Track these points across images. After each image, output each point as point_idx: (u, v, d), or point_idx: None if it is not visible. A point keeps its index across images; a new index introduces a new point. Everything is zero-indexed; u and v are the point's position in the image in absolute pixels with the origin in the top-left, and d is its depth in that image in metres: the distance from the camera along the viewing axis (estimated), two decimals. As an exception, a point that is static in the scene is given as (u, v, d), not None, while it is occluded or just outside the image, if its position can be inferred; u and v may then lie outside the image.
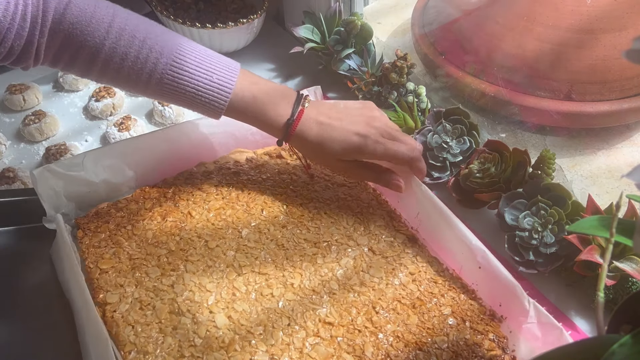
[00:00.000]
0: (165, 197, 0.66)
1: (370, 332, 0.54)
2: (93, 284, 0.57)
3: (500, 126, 0.77)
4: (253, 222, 0.64)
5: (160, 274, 0.58)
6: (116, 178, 0.66)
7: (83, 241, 0.61)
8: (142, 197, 0.66)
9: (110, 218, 0.64)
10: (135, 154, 0.67)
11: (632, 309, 0.40)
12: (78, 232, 0.62)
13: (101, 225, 0.63)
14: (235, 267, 0.59)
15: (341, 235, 0.63)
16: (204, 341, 0.52)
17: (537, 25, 0.74)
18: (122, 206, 0.65)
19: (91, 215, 0.64)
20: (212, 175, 0.69)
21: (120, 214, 0.64)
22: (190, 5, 0.99)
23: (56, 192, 0.63)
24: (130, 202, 0.66)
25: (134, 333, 0.53)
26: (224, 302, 0.56)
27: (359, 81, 0.82)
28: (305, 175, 0.70)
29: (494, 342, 0.55)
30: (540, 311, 0.53)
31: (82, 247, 0.61)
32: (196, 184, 0.68)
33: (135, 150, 0.67)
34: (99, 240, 0.61)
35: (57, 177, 0.63)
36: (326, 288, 0.58)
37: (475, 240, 0.58)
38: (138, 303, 0.55)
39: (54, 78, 0.91)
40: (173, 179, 0.69)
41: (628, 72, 0.71)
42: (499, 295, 0.57)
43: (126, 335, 0.53)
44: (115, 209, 0.65)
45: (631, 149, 0.75)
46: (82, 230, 0.62)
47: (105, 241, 0.61)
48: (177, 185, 0.68)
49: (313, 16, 0.86)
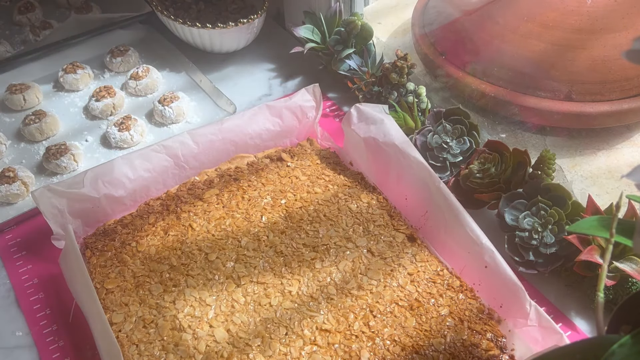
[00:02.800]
0: (168, 209, 0.67)
1: (367, 337, 0.55)
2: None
3: (500, 126, 0.77)
4: (252, 230, 0.64)
5: (163, 291, 0.59)
6: (118, 192, 0.66)
7: (91, 261, 0.62)
8: (146, 212, 0.67)
9: (116, 235, 0.64)
10: (136, 167, 0.67)
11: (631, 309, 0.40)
12: (87, 252, 0.63)
13: (108, 244, 0.63)
14: (234, 278, 0.59)
15: (340, 238, 0.63)
16: (204, 356, 0.53)
17: (538, 26, 0.74)
18: (127, 222, 0.66)
19: (99, 234, 0.65)
20: (214, 184, 0.70)
21: (125, 231, 0.65)
22: (190, 5, 0.99)
23: (60, 210, 0.63)
24: (135, 218, 0.66)
25: (137, 352, 0.54)
26: (223, 316, 0.56)
27: (359, 81, 0.82)
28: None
29: (492, 341, 0.55)
30: (541, 315, 0.53)
31: (90, 267, 0.61)
32: (198, 194, 0.68)
33: (136, 164, 0.67)
34: (105, 260, 0.62)
35: (59, 195, 0.63)
36: (324, 294, 0.58)
37: (486, 239, 0.58)
38: (142, 322, 0.56)
39: (55, 78, 0.91)
40: (176, 190, 0.69)
41: (628, 72, 0.71)
42: (501, 296, 0.57)
43: (130, 354, 0.54)
44: (121, 226, 0.65)
45: (631, 149, 0.75)
46: (90, 250, 0.63)
47: (111, 260, 0.62)
48: (180, 196, 0.68)
49: (313, 16, 0.86)
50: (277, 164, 0.72)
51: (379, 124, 0.69)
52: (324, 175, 0.71)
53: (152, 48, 0.96)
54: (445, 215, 0.62)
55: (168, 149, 0.69)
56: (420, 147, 0.71)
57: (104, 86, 0.86)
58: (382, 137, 0.68)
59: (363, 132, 0.70)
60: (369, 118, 0.70)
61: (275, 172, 0.71)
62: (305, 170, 0.71)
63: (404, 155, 0.66)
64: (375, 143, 0.69)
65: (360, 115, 0.71)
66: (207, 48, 0.93)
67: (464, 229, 0.59)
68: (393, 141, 0.67)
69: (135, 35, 0.98)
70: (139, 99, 0.88)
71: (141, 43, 0.97)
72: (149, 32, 0.98)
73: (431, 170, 0.64)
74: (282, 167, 0.72)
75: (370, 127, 0.70)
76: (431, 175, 0.63)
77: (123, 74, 0.92)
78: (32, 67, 0.92)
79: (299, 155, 0.73)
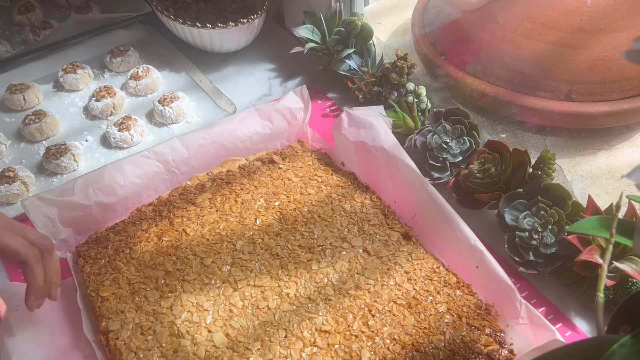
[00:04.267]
0: (161, 215, 0.67)
1: (367, 336, 0.55)
2: (95, 312, 0.58)
3: (500, 126, 0.77)
4: (247, 233, 0.64)
5: (159, 297, 0.58)
6: (109, 199, 0.66)
7: (84, 269, 0.62)
8: (138, 218, 0.66)
9: (109, 243, 0.64)
10: (127, 174, 0.67)
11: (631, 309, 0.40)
12: (79, 260, 0.63)
13: (101, 251, 0.63)
14: (231, 282, 0.59)
15: (335, 238, 0.63)
16: None
17: (538, 26, 0.74)
18: (119, 229, 0.65)
19: (91, 242, 0.64)
20: (206, 188, 0.69)
21: (118, 238, 0.64)
22: (190, 5, 0.99)
23: (51, 219, 0.63)
24: (127, 225, 0.66)
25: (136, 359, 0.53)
26: (221, 320, 0.56)
27: (359, 81, 0.82)
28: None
29: (491, 336, 0.55)
30: (532, 313, 0.53)
31: (84, 275, 0.61)
32: (190, 199, 0.68)
33: (126, 171, 0.67)
34: (98, 267, 0.62)
35: (50, 204, 0.63)
36: (322, 295, 0.58)
37: (475, 240, 0.58)
38: (139, 328, 0.56)
39: (55, 78, 0.91)
40: (168, 195, 0.69)
41: (628, 72, 0.71)
42: (492, 296, 0.57)
43: None
44: (114, 233, 0.65)
45: (631, 149, 0.75)
46: (83, 258, 0.63)
47: (104, 267, 0.62)
48: (172, 202, 0.68)
49: (313, 16, 0.86)
50: (269, 166, 0.72)
51: (369, 128, 0.70)
52: (316, 176, 0.71)
53: (152, 48, 0.96)
54: (435, 217, 0.62)
55: (158, 155, 0.69)
56: (420, 147, 0.71)
57: (104, 86, 0.86)
58: (371, 141, 0.69)
59: (353, 136, 0.71)
60: (359, 122, 0.71)
61: (267, 174, 0.71)
62: (297, 171, 0.71)
63: (393, 158, 0.66)
64: (365, 147, 0.69)
65: (350, 120, 0.72)
66: (207, 48, 0.93)
67: (454, 230, 0.60)
68: (382, 145, 0.68)
69: (135, 35, 0.98)
70: (139, 99, 0.88)
71: (141, 43, 0.97)
72: (149, 32, 0.98)
73: (419, 173, 0.64)
74: (274, 169, 0.72)
75: (360, 131, 0.70)
76: (419, 178, 0.64)
77: (123, 74, 0.92)
78: (32, 67, 0.92)
79: (290, 157, 0.73)
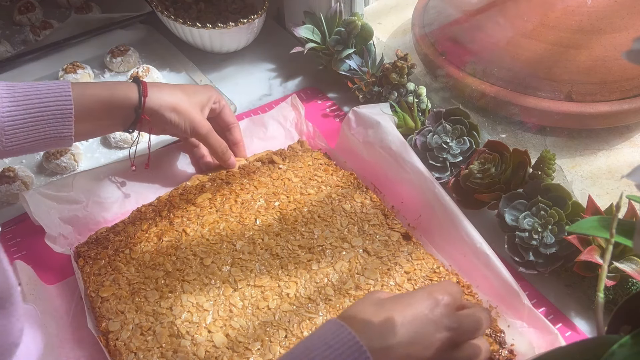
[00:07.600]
0: (161, 215, 0.66)
1: None
2: (95, 313, 0.58)
3: (500, 126, 0.77)
4: (247, 233, 0.64)
5: (159, 297, 0.58)
6: (108, 198, 0.66)
7: (84, 270, 0.62)
8: (138, 218, 0.66)
9: (109, 243, 0.64)
10: (126, 173, 0.67)
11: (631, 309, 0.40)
12: (79, 261, 0.63)
13: (101, 252, 0.63)
14: (230, 282, 0.59)
15: (335, 238, 0.63)
16: None
17: (538, 26, 0.74)
18: (119, 229, 0.65)
19: (91, 242, 0.64)
20: (206, 188, 0.69)
21: (118, 238, 0.64)
22: (190, 5, 0.99)
23: (50, 214, 0.63)
24: (127, 225, 0.66)
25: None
26: (221, 320, 0.56)
27: (359, 81, 0.82)
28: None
29: (491, 337, 0.55)
30: (536, 316, 0.53)
31: (84, 275, 0.61)
32: (190, 199, 0.68)
33: (126, 170, 0.67)
34: (98, 268, 0.62)
35: (49, 198, 0.63)
36: (322, 295, 0.58)
37: (482, 243, 0.58)
38: (139, 329, 0.56)
39: (55, 78, 0.91)
40: (167, 195, 0.69)
41: (628, 72, 0.71)
42: (497, 298, 0.57)
43: None
44: (114, 233, 0.65)
45: (631, 149, 0.75)
46: (83, 258, 0.63)
47: (104, 268, 0.62)
48: (172, 202, 0.68)
49: (313, 16, 0.86)
50: (269, 166, 0.72)
51: (376, 128, 0.70)
52: (316, 176, 0.71)
53: (152, 48, 0.96)
54: (441, 219, 0.62)
55: (159, 155, 0.69)
56: (420, 147, 0.71)
57: (104, 86, 0.86)
58: (379, 141, 0.69)
59: (362, 136, 0.71)
60: (367, 122, 0.71)
61: (267, 174, 0.71)
62: (297, 172, 0.71)
63: (401, 159, 0.66)
64: (373, 148, 0.69)
65: (358, 120, 0.72)
66: (207, 48, 0.93)
67: (460, 232, 0.60)
68: (390, 145, 0.68)
69: (135, 35, 0.98)
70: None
71: (141, 43, 0.97)
72: (149, 32, 0.98)
73: (428, 174, 0.64)
74: (273, 169, 0.72)
75: (368, 132, 0.70)
76: (427, 179, 0.64)
77: (123, 74, 0.92)
78: (32, 67, 0.92)
79: (290, 157, 0.73)
